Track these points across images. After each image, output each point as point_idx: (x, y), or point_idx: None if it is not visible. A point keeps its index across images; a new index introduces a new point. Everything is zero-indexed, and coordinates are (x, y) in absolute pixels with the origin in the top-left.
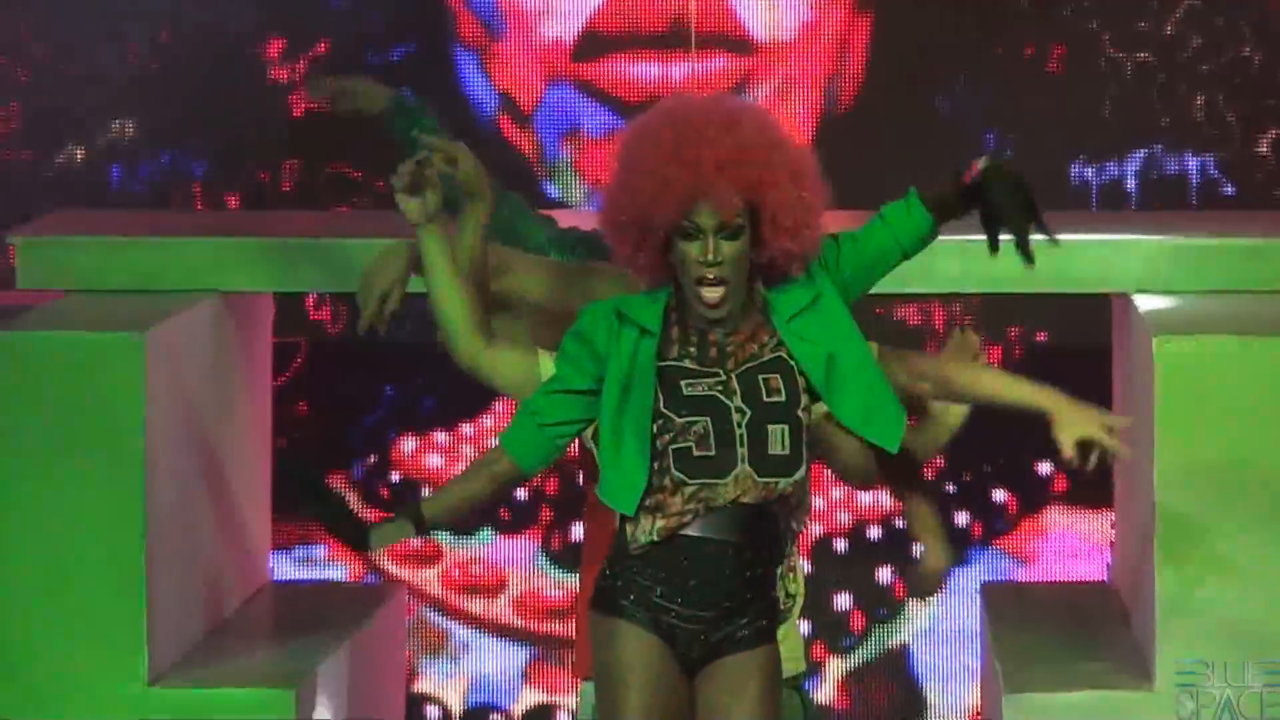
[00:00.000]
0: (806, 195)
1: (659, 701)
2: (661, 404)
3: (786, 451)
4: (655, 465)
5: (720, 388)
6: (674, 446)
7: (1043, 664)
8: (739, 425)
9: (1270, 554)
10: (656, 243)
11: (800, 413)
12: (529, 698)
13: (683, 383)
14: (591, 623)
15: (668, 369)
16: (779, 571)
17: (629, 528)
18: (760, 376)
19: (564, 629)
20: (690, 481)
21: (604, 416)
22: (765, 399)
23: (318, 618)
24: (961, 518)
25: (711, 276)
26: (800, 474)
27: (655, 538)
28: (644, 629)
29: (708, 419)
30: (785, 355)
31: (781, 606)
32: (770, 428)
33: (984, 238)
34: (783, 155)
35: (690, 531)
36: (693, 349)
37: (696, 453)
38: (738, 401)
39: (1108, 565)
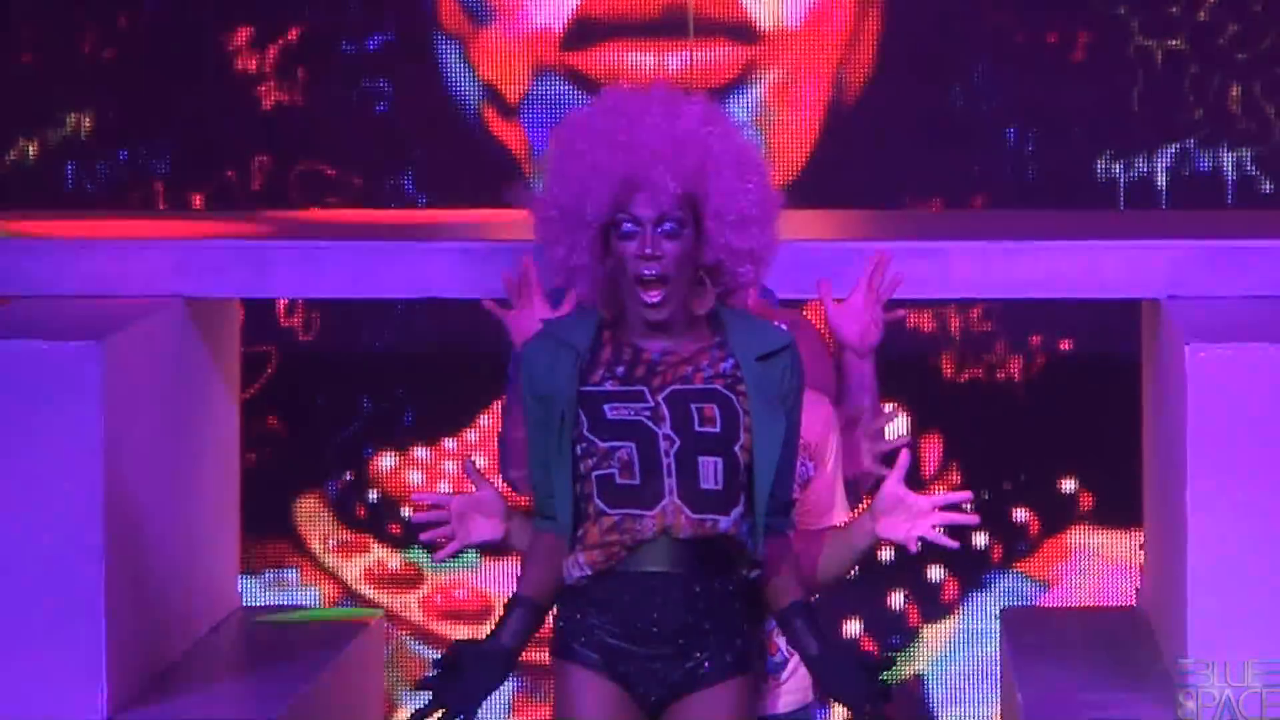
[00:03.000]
0: (753, 189)
1: None
2: (585, 428)
3: (719, 487)
4: (578, 489)
5: (648, 413)
6: (597, 473)
7: (1067, 695)
8: (666, 454)
9: None
10: (590, 242)
11: (738, 449)
12: None
13: (606, 406)
14: (550, 667)
15: (590, 394)
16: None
17: (565, 562)
18: (692, 404)
19: None
20: (610, 511)
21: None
22: (697, 428)
23: (290, 647)
24: (980, 539)
25: (650, 274)
26: (738, 513)
27: (587, 572)
28: (596, 673)
29: (632, 445)
30: (724, 389)
31: (785, 655)
32: (701, 459)
33: (1004, 239)
34: (727, 144)
35: (633, 567)
36: (620, 368)
37: (619, 480)
38: (666, 429)
39: (1136, 589)
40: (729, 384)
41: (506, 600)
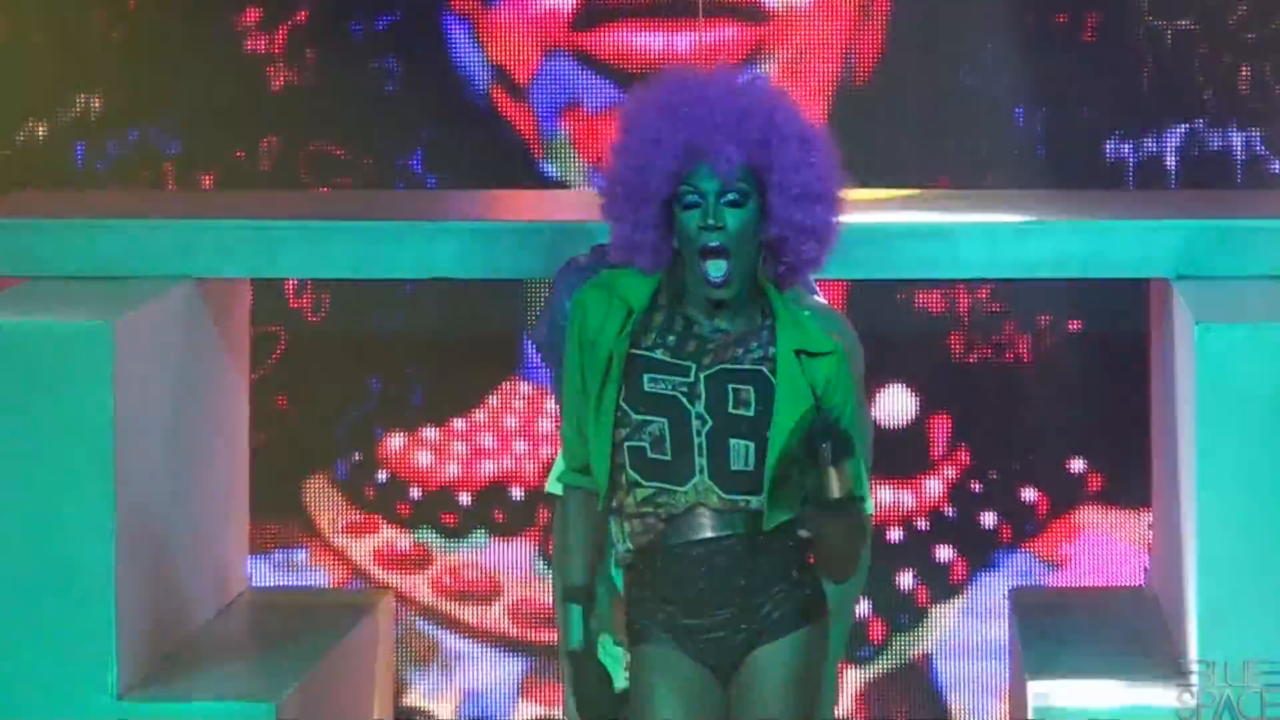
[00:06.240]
0: (817, 163)
1: (690, 697)
2: (622, 396)
3: (750, 469)
4: (615, 460)
5: (684, 389)
6: (629, 443)
7: (1075, 675)
8: (698, 434)
9: None
10: (656, 217)
11: (771, 434)
12: (525, 711)
13: (646, 377)
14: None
15: (637, 358)
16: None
17: (613, 532)
18: (730, 385)
19: None
20: (645, 484)
21: (589, 396)
22: (730, 410)
23: (299, 627)
24: (989, 519)
25: (715, 245)
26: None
27: (630, 546)
28: (666, 649)
29: (665, 421)
30: (769, 372)
31: None
32: (733, 442)
33: (1011, 220)
34: (790, 119)
35: (675, 539)
36: (671, 338)
37: (651, 454)
38: (699, 408)
39: (1145, 569)
40: (772, 369)
41: (562, 595)
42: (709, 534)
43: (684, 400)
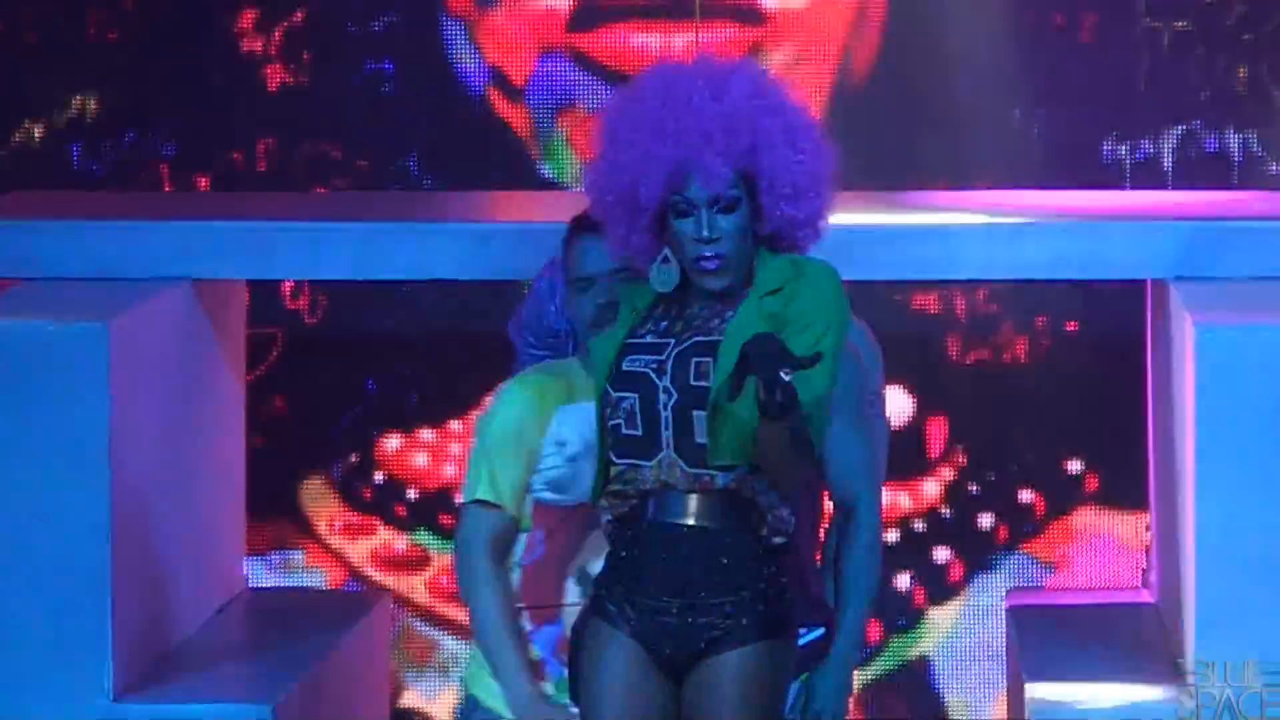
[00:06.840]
0: (805, 158)
1: (633, 700)
2: (609, 381)
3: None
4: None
5: (654, 365)
6: (610, 422)
7: (1073, 677)
8: (665, 408)
9: None
10: (649, 222)
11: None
12: None
13: (626, 359)
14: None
15: (627, 345)
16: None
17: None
18: (695, 359)
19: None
20: (617, 461)
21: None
22: (692, 382)
23: (296, 628)
24: (986, 520)
25: (709, 254)
26: (741, 471)
27: (609, 516)
28: (619, 630)
29: (635, 396)
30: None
31: None
32: (696, 414)
33: (1010, 220)
34: (776, 118)
35: (649, 518)
36: (665, 322)
37: (625, 430)
38: (665, 382)
39: (1143, 571)
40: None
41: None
42: (684, 520)
43: (653, 376)
